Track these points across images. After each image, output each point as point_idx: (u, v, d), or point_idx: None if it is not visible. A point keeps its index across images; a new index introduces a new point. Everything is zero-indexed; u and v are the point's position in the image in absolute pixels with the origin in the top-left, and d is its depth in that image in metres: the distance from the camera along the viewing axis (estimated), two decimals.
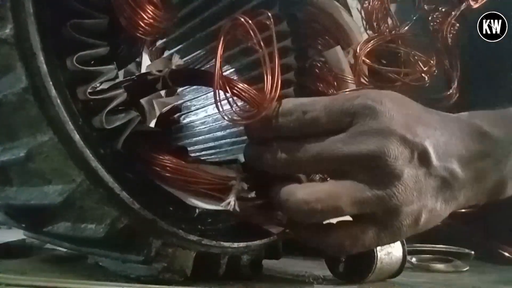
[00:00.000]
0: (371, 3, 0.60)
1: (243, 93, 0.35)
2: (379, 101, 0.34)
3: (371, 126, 0.34)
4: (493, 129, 0.38)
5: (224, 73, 0.55)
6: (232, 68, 0.55)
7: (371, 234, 0.35)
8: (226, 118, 0.35)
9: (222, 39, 0.34)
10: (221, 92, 0.35)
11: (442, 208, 0.36)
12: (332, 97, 0.38)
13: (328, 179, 0.39)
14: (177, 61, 0.60)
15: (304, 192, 0.35)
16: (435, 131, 0.35)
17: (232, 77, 0.54)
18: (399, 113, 0.34)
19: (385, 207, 0.34)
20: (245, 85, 0.35)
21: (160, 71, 0.40)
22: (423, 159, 0.34)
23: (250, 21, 0.34)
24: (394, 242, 0.38)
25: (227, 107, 0.36)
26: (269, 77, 0.34)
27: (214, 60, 0.35)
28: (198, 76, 0.47)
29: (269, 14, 0.36)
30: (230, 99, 0.35)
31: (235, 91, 0.34)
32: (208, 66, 0.54)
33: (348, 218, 0.36)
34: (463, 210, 0.50)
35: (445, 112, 0.38)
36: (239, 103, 0.36)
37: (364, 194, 0.34)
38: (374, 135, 0.33)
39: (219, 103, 0.35)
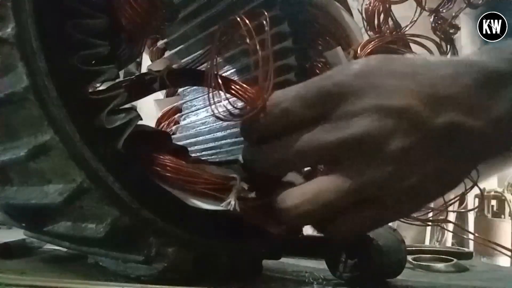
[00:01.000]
0: (371, 4, 0.60)
1: (240, 92, 0.35)
2: (346, 81, 0.32)
3: (347, 109, 0.32)
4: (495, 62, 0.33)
5: (225, 74, 0.55)
6: (233, 69, 0.55)
7: (371, 214, 0.34)
8: (218, 116, 0.35)
9: (217, 39, 0.34)
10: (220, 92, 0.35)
11: (453, 166, 0.33)
12: (302, 85, 0.35)
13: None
14: (175, 61, 0.60)
15: (292, 196, 0.34)
16: (415, 78, 0.32)
17: (232, 78, 0.54)
18: (369, 84, 0.32)
19: (381, 187, 0.32)
20: (240, 83, 0.35)
21: (158, 71, 0.40)
22: (410, 120, 0.31)
23: (246, 22, 0.34)
24: (398, 219, 0.37)
25: (224, 107, 0.36)
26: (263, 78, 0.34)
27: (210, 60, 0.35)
28: (195, 76, 0.47)
29: (266, 15, 0.36)
30: (224, 98, 0.35)
31: (231, 90, 0.35)
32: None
33: None
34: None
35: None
36: (239, 104, 0.36)
37: (357, 181, 0.32)
38: (351, 117, 0.32)
39: (213, 103, 0.35)
